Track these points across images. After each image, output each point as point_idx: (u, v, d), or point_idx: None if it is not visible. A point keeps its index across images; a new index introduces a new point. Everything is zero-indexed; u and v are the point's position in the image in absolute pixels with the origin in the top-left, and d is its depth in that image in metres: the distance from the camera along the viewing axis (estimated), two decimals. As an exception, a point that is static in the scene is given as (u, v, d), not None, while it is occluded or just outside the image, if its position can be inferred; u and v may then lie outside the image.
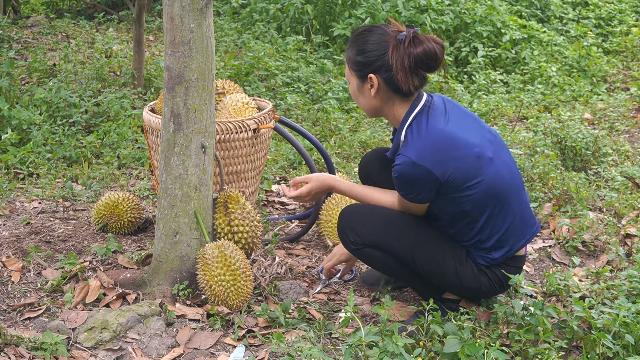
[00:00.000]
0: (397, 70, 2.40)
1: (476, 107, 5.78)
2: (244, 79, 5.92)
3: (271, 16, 7.39)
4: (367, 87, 2.49)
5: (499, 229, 2.47)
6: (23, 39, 7.11)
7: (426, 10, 6.98)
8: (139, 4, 5.50)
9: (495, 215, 2.45)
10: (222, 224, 2.85)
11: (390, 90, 2.46)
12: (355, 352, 2.24)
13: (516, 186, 2.51)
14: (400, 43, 2.39)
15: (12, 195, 3.85)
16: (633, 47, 7.24)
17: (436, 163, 2.35)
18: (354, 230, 2.55)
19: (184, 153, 2.71)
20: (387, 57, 2.41)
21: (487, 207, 2.43)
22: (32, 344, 2.41)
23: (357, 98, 2.56)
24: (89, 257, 3.08)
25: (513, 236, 2.50)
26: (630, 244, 3.32)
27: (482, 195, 2.41)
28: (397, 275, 2.64)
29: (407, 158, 2.36)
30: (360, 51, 2.46)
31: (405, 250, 2.51)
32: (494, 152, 2.43)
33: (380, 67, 2.43)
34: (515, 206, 2.49)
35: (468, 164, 2.37)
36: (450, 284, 2.53)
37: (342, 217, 2.61)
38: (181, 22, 2.62)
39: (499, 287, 2.55)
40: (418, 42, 2.38)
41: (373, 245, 2.54)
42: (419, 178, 2.37)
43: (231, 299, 2.68)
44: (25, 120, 4.67)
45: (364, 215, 2.58)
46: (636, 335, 2.33)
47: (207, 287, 2.70)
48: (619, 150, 4.64)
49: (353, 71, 2.51)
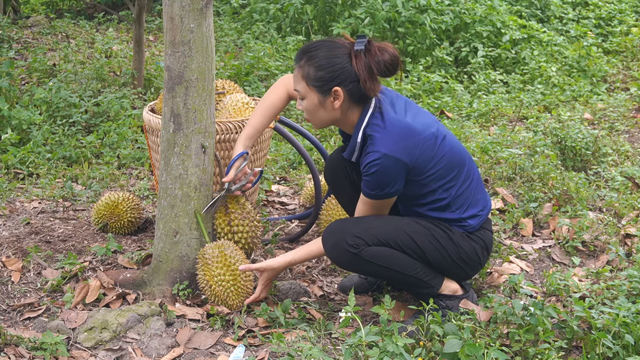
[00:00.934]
0: (364, 80, 2.48)
1: (476, 107, 5.79)
2: (244, 79, 5.93)
3: (271, 16, 7.39)
4: (329, 100, 2.53)
5: (467, 197, 2.61)
6: (23, 39, 7.11)
7: (426, 10, 6.98)
8: (139, 4, 5.50)
9: (460, 185, 2.59)
10: (222, 224, 2.85)
11: (352, 101, 2.53)
12: (355, 352, 2.24)
13: (468, 155, 2.68)
14: (360, 53, 2.48)
15: (12, 195, 3.85)
16: (633, 47, 7.24)
17: (405, 151, 2.47)
18: (351, 234, 2.54)
19: (184, 153, 2.71)
20: (352, 68, 2.48)
21: (452, 181, 2.58)
22: (32, 344, 2.41)
23: (316, 113, 2.58)
24: (89, 257, 3.08)
25: (480, 200, 2.65)
26: (630, 244, 3.32)
27: (445, 170, 2.55)
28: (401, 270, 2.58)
29: (379, 153, 2.45)
30: (321, 67, 2.49)
31: (402, 234, 2.55)
32: (443, 129, 2.60)
33: (345, 79, 2.49)
34: (473, 171, 2.66)
35: (429, 146, 2.51)
36: (452, 255, 2.59)
37: (328, 237, 2.59)
38: (181, 22, 2.62)
39: (487, 252, 2.68)
40: (382, 49, 2.49)
41: (374, 242, 2.54)
42: (392, 169, 2.47)
43: (231, 298, 2.68)
44: (25, 120, 4.67)
45: (348, 223, 2.61)
46: (636, 335, 2.33)
47: (207, 287, 2.70)
48: (619, 150, 4.64)
49: (314, 87, 2.52)
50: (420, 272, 2.58)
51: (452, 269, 2.63)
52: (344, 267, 2.67)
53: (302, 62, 2.53)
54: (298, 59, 2.55)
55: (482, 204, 2.67)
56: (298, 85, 2.57)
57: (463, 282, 2.72)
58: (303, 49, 2.56)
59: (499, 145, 4.42)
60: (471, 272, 2.70)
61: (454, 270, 2.64)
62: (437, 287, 2.62)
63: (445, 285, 2.64)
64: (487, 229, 2.69)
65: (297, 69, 2.56)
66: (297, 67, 2.56)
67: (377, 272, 2.60)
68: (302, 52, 2.55)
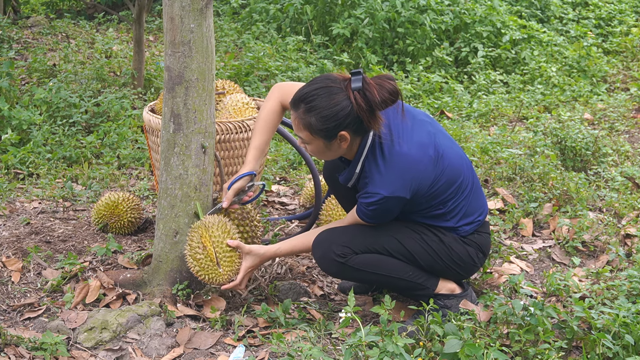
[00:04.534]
0: (367, 120, 2.42)
1: (476, 107, 5.79)
2: (244, 79, 5.92)
3: (271, 16, 7.39)
4: (336, 142, 2.49)
5: (463, 207, 2.60)
6: (23, 39, 7.11)
7: (426, 11, 6.98)
8: (139, 4, 5.50)
9: (458, 197, 2.58)
10: (222, 224, 2.84)
11: (355, 136, 2.50)
12: (355, 352, 2.24)
13: (466, 162, 2.63)
14: (359, 92, 2.39)
15: (12, 195, 3.85)
16: (633, 47, 7.24)
17: (405, 188, 2.47)
18: (338, 244, 2.55)
19: (184, 153, 2.71)
20: (353, 111, 2.41)
21: (450, 194, 2.56)
22: (32, 344, 2.41)
23: (323, 154, 2.56)
24: (89, 257, 3.08)
25: (477, 207, 2.64)
26: (630, 244, 3.32)
27: (444, 187, 2.54)
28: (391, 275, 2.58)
29: (379, 195, 2.46)
30: (324, 118, 2.42)
31: (391, 240, 2.56)
32: (440, 143, 2.54)
33: (350, 123, 2.44)
34: (470, 179, 2.63)
35: (429, 172, 2.50)
36: (444, 257, 2.59)
37: (317, 247, 2.59)
38: (181, 23, 2.62)
39: (482, 254, 2.67)
40: (380, 86, 2.40)
41: (362, 250, 2.55)
42: (392, 207, 2.50)
43: (223, 265, 2.61)
44: (25, 121, 4.67)
45: (336, 232, 2.60)
46: (636, 336, 2.33)
47: (199, 250, 2.60)
48: (619, 150, 4.64)
49: (318, 135, 2.48)
50: (412, 275, 2.59)
51: (445, 271, 2.63)
52: (334, 276, 2.70)
53: (301, 112, 2.46)
54: (295, 107, 2.48)
55: (479, 211, 2.65)
56: (300, 133, 2.51)
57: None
58: (300, 98, 2.46)
59: (499, 145, 4.42)
60: (466, 274, 2.70)
61: (448, 272, 2.65)
62: (433, 288, 2.62)
63: (442, 285, 2.64)
64: (483, 232, 2.68)
65: (296, 118, 2.49)
66: (297, 116, 2.48)
67: (368, 278, 2.63)
68: (299, 100, 2.46)
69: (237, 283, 2.65)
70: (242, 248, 2.65)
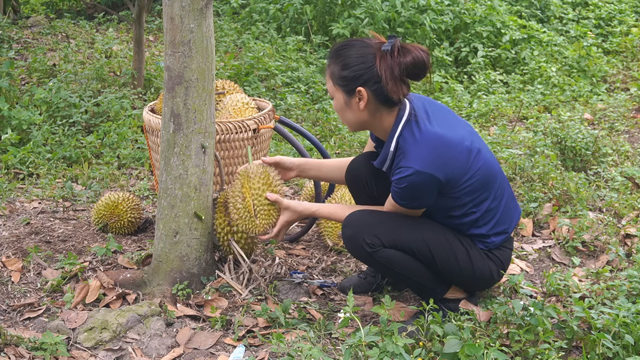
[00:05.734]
0: (387, 81, 2.40)
1: (476, 107, 5.79)
2: (244, 79, 5.93)
3: (271, 16, 7.40)
4: (355, 101, 2.47)
5: (495, 213, 2.56)
6: (23, 39, 7.11)
7: (425, 11, 6.98)
8: (139, 4, 5.50)
9: (492, 201, 2.54)
10: (222, 224, 2.85)
11: (379, 102, 2.46)
12: (355, 352, 2.24)
13: (501, 170, 2.62)
14: (386, 54, 2.40)
15: (12, 195, 3.85)
16: (633, 47, 7.24)
17: (438, 167, 2.39)
18: (369, 232, 2.50)
19: (184, 153, 2.71)
20: (375, 68, 2.40)
21: (484, 195, 2.52)
22: (32, 344, 2.41)
23: (344, 113, 2.54)
24: (89, 257, 3.08)
25: (508, 218, 2.61)
26: (630, 244, 3.32)
27: (478, 185, 2.49)
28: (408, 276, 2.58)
29: (411, 169, 2.38)
30: (346, 65, 2.44)
31: (420, 243, 2.51)
32: (478, 141, 2.52)
33: (369, 80, 2.42)
34: (506, 187, 2.61)
35: (463, 160, 2.44)
36: (465, 271, 2.56)
37: (348, 225, 2.55)
38: (181, 22, 2.62)
39: (503, 270, 2.64)
40: (406, 51, 2.39)
41: (391, 245, 2.51)
42: (424, 185, 2.41)
43: (260, 218, 2.63)
44: (25, 121, 4.67)
45: (371, 218, 2.55)
46: (636, 336, 2.33)
47: (238, 199, 2.64)
48: (619, 150, 4.64)
49: (339, 87, 2.48)
50: (429, 279, 2.58)
51: (462, 282, 2.63)
52: (356, 257, 2.67)
53: (331, 60, 2.50)
54: (328, 57, 2.54)
55: (509, 221, 2.62)
56: (327, 85, 2.55)
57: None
58: (334, 47, 2.51)
59: (499, 145, 4.42)
60: (482, 288, 2.70)
61: (464, 284, 2.65)
62: (442, 294, 2.63)
63: (451, 292, 2.65)
64: (507, 247, 2.64)
65: (327, 67, 2.54)
66: (327, 66, 2.54)
67: (385, 272, 2.62)
68: (333, 50, 2.51)
69: (272, 235, 2.70)
70: (281, 202, 2.67)
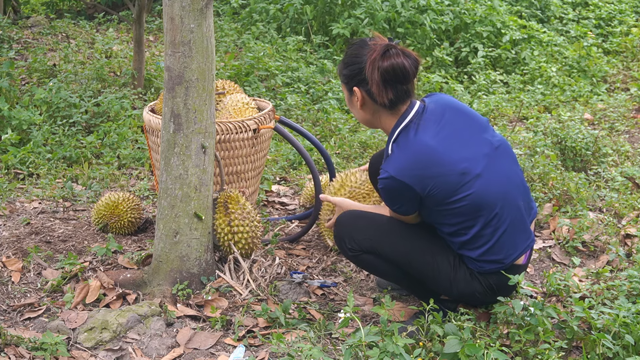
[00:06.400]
0: (371, 84, 2.41)
1: (476, 107, 5.78)
2: (244, 79, 5.92)
3: (271, 16, 7.39)
4: (354, 99, 2.50)
5: (488, 241, 2.43)
6: (23, 39, 7.11)
7: (425, 11, 6.98)
8: (139, 4, 5.50)
9: (482, 228, 2.41)
10: (222, 224, 2.85)
11: (375, 103, 2.46)
12: (355, 352, 2.24)
13: (511, 197, 2.44)
14: (377, 56, 2.40)
15: (12, 195, 3.85)
16: (633, 48, 7.24)
17: (414, 178, 2.35)
18: (351, 237, 2.55)
19: (184, 153, 2.71)
20: (364, 70, 2.41)
21: (475, 221, 2.40)
22: (32, 344, 2.41)
23: (350, 109, 2.59)
24: (89, 257, 3.08)
25: (504, 249, 2.45)
26: (630, 244, 3.32)
27: (468, 209, 2.38)
28: (395, 280, 2.64)
29: (386, 173, 2.38)
30: (346, 64, 2.50)
31: (401, 255, 2.51)
32: (485, 166, 2.39)
33: (362, 80, 2.44)
34: (507, 218, 2.43)
35: (450, 181, 2.35)
36: (443, 288, 2.54)
37: (338, 225, 2.61)
38: (181, 23, 2.62)
39: (492, 293, 2.50)
40: (387, 56, 2.37)
41: (370, 251, 2.54)
42: (399, 191, 2.39)
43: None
44: (25, 121, 4.67)
45: (360, 222, 2.58)
46: (636, 336, 2.33)
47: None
48: (619, 150, 4.64)
49: (342, 84, 2.55)
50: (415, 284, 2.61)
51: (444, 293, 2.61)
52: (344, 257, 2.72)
53: (343, 57, 2.56)
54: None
55: (506, 252, 2.45)
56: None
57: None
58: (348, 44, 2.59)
59: (499, 145, 4.41)
60: (467, 302, 2.63)
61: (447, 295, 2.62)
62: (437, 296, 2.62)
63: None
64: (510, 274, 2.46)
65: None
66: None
67: (372, 273, 2.68)
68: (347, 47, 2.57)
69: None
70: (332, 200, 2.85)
